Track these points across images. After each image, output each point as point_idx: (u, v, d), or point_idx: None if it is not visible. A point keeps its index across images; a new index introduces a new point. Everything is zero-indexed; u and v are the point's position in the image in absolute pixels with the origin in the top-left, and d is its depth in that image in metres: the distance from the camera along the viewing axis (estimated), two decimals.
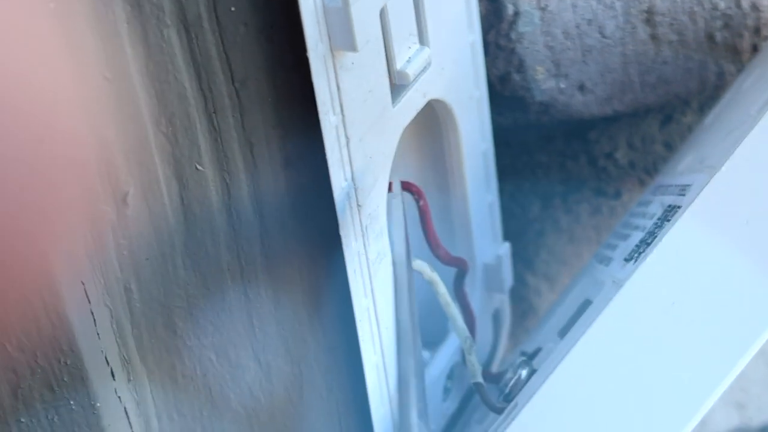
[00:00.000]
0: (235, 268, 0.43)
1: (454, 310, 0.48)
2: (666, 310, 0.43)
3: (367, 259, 0.43)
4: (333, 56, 0.39)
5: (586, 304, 0.49)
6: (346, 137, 0.41)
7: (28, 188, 0.38)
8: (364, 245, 0.43)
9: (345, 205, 0.41)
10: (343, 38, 0.38)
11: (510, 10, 0.53)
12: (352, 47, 0.38)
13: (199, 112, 0.40)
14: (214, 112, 0.40)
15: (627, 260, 0.46)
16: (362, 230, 0.43)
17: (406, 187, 0.48)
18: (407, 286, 0.41)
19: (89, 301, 0.41)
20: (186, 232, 0.42)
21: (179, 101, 0.40)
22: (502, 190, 0.60)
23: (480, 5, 0.53)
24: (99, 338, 0.42)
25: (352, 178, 0.42)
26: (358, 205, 0.42)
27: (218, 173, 0.41)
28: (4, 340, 0.39)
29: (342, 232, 0.42)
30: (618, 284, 0.45)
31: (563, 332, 0.49)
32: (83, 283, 0.41)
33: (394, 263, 0.42)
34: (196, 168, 0.41)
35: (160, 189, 0.41)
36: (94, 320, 0.41)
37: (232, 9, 0.38)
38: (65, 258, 0.39)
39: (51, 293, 0.39)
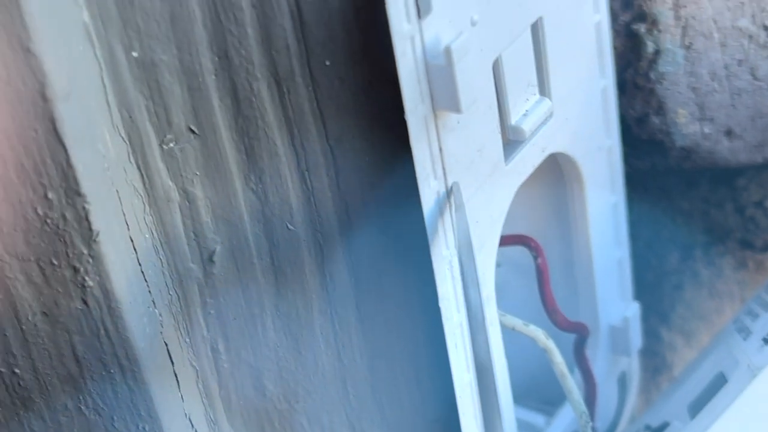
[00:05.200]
0: (328, 332, 0.40)
1: (570, 383, 0.44)
2: None
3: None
4: (435, 116, 0.35)
5: (720, 379, 0.44)
6: (449, 202, 0.37)
7: None
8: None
9: (446, 275, 0.38)
10: (447, 99, 0.35)
11: (650, 47, 0.49)
12: (456, 108, 0.35)
13: (291, 169, 0.37)
14: (307, 170, 0.37)
15: (766, 341, 0.41)
16: (465, 301, 0.39)
17: (523, 241, 0.44)
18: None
19: (172, 362, 0.39)
20: (276, 293, 0.39)
21: (270, 157, 0.37)
22: (637, 238, 0.55)
23: (616, 40, 0.48)
24: (183, 401, 0.39)
25: (456, 245, 0.38)
26: (461, 274, 0.38)
27: (311, 233, 0.38)
28: (79, 402, 0.38)
29: (442, 305, 0.38)
30: (754, 370, 0.40)
31: (693, 408, 0.45)
32: (166, 344, 0.38)
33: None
34: (287, 227, 0.38)
35: (249, 248, 0.38)
36: (178, 382, 0.39)
37: (327, 63, 0.35)
38: (142, 317, 0.37)
39: (128, 356, 0.37)
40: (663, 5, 0.47)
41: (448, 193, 0.37)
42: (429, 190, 0.36)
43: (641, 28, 0.48)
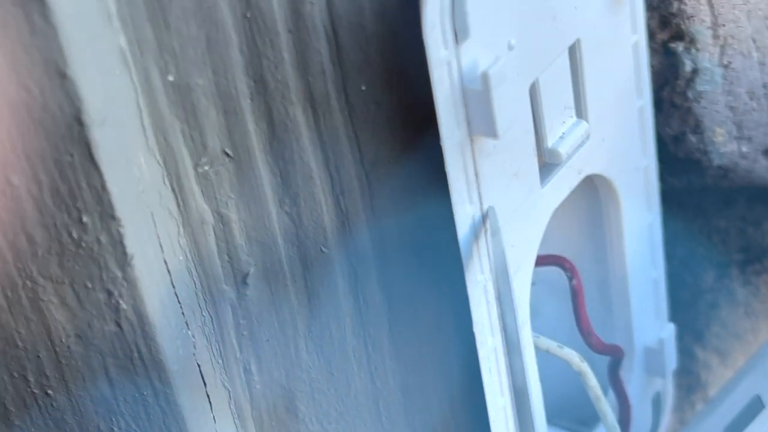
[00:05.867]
0: (361, 354, 0.40)
1: (604, 406, 0.44)
2: None
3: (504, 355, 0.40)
4: (471, 141, 0.35)
5: (757, 402, 0.44)
6: (485, 227, 0.37)
7: None
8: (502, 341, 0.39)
9: (480, 300, 0.38)
10: (483, 124, 0.34)
11: (688, 66, 0.48)
12: (493, 134, 0.34)
13: (325, 193, 0.37)
14: (341, 194, 0.37)
15: None
16: (500, 326, 0.39)
17: (558, 261, 0.44)
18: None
19: (204, 384, 0.39)
20: (310, 315, 0.39)
21: (304, 181, 0.37)
22: (672, 257, 0.54)
23: (653, 59, 0.48)
24: (215, 422, 0.39)
25: (491, 270, 0.38)
26: (497, 299, 0.38)
27: (345, 257, 0.38)
28: (112, 424, 0.38)
29: (476, 329, 0.38)
30: None
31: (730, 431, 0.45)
32: (199, 365, 0.38)
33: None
34: (321, 250, 0.38)
35: (283, 270, 0.38)
36: (210, 403, 0.39)
37: (363, 87, 0.35)
38: (176, 339, 0.37)
39: (161, 378, 0.37)
40: (701, 24, 0.47)
41: (484, 217, 0.37)
42: (464, 215, 0.36)
43: (679, 46, 0.48)
